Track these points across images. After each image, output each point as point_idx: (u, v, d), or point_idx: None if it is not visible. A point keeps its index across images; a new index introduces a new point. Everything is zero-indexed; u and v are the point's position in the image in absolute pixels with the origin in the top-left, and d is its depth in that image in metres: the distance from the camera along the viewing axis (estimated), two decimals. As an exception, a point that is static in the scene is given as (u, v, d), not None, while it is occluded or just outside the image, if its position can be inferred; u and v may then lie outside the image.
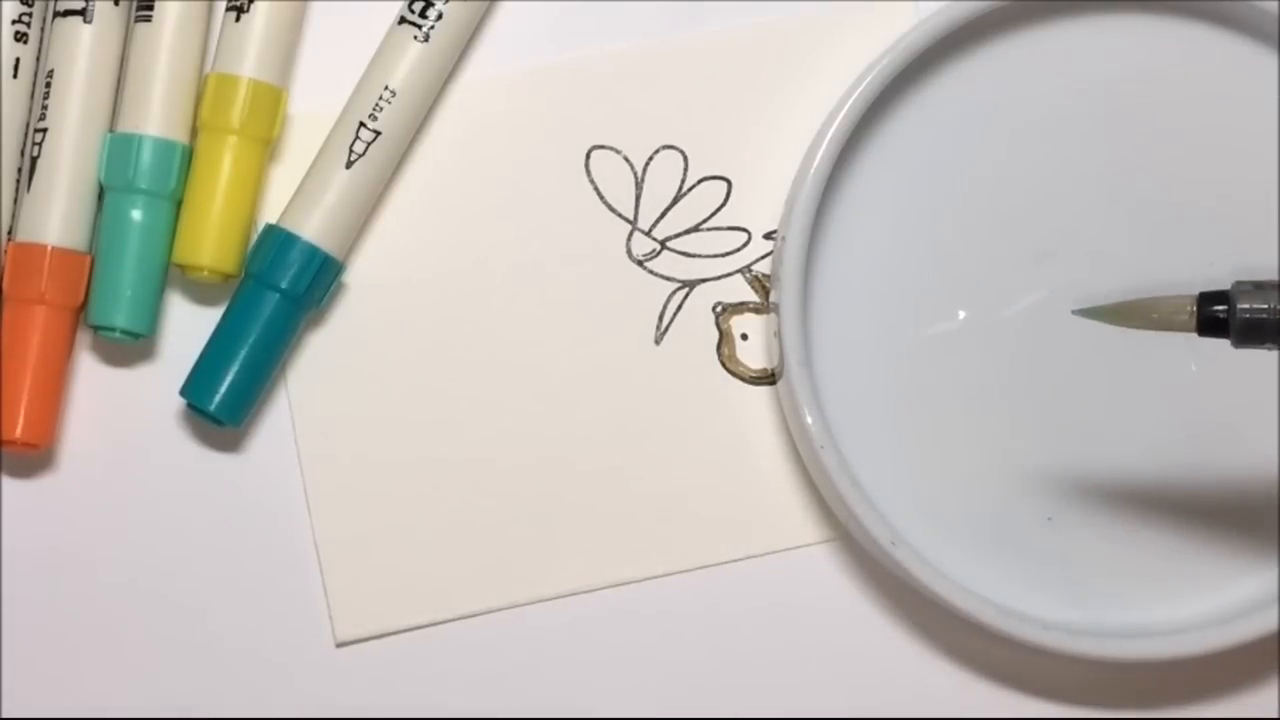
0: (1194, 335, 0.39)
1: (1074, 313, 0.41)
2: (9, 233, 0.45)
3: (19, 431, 0.44)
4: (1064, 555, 0.45)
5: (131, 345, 0.46)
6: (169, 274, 0.45)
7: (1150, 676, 0.46)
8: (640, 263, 0.47)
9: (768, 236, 0.47)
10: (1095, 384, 0.46)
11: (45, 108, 0.45)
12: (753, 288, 0.47)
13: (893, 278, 0.46)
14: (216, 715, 0.46)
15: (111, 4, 0.45)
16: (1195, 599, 0.45)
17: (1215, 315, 0.39)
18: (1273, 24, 0.45)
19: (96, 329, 0.45)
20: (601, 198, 0.47)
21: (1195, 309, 0.39)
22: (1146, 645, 0.44)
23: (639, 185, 0.47)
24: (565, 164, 0.47)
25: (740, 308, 0.47)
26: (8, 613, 0.46)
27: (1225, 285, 0.39)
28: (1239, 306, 0.39)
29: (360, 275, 0.46)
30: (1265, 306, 0.38)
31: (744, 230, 0.47)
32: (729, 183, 0.47)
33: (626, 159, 0.47)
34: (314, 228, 0.44)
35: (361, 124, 0.45)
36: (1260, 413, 0.46)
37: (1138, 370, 0.46)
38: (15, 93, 0.45)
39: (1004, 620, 0.43)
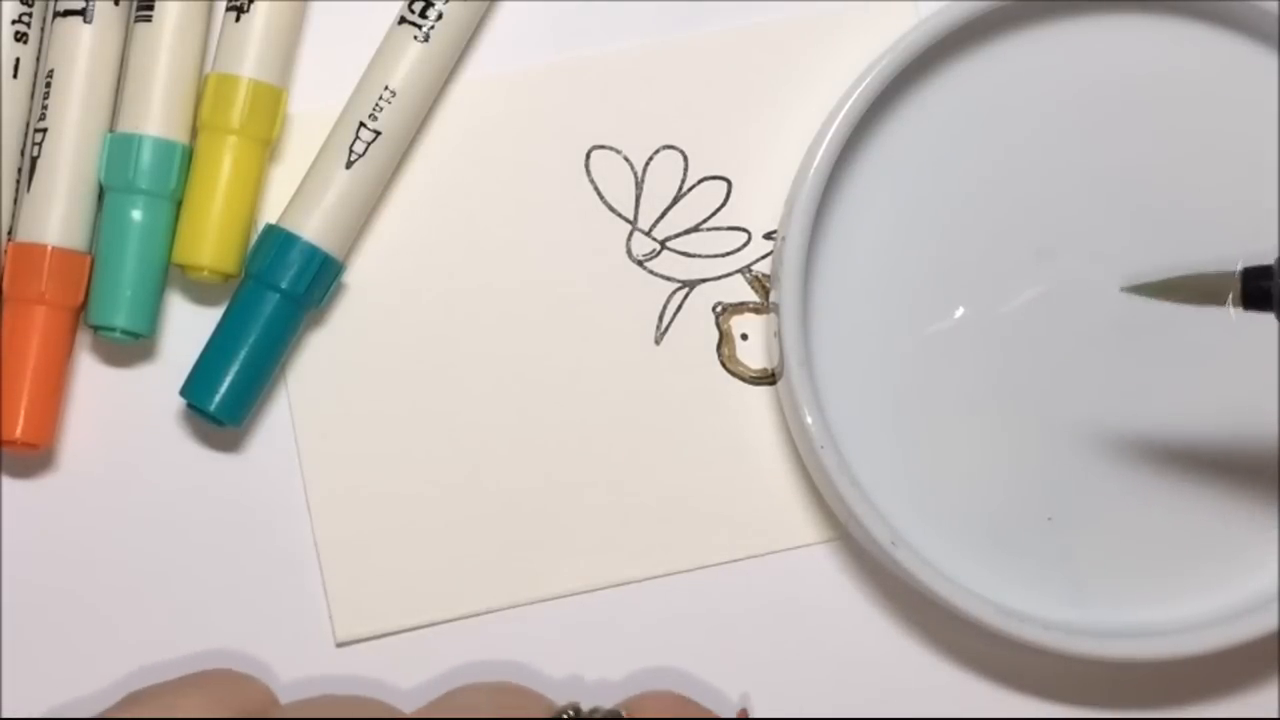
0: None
1: (1122, 290, 0.42)
2: (9, 233, 0.45)
3: (19, 431, 0.44)
4: (1064, 555, 0.45)
5: (131, 345, 0.46)
6: (169, 274, 0.45)
7: (1150, 676, 0.46)
8: (640, 263, 0.47)
9: (768, 236, 0.47)
10: (1095, 384, 0.46)
11: (45, 108, 0.45)
12: (753, 288, 0.47)
13: (893, 277, 0.46)
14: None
15: (111, 4, 0.45)
16: (1195, 599, 0.45)
17: (1261, 289, 0.40)
18: (1273, 24, 0.45)
19: (96, 329, 0.45)
20: (601, 198, 0.47)
21: (1240, 283, 0.40)
22: (1146, 645, 0.44)
23: (639, 185, 0.47)
24: (565, 164, 0.47)
25: (740, 308, 0.47)
26: (8, 613, 0.46)
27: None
28: None
29: (360, 275, 0.46)
30: None
31: (744, 230, 0.47)
32: (729, 183, 0.47)
33: (626, 159, 0.47)
34: (314, 228, 0.45)
35: (361, 124, 0.45)
36: (1261, 413, 0.46)
37: (1138, 369, 0.46)
38: (15, 93, 0.45)
39: (1004, 620, 0.43)
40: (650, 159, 0.47)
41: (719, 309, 0.47)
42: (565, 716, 0.42)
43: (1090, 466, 0.46)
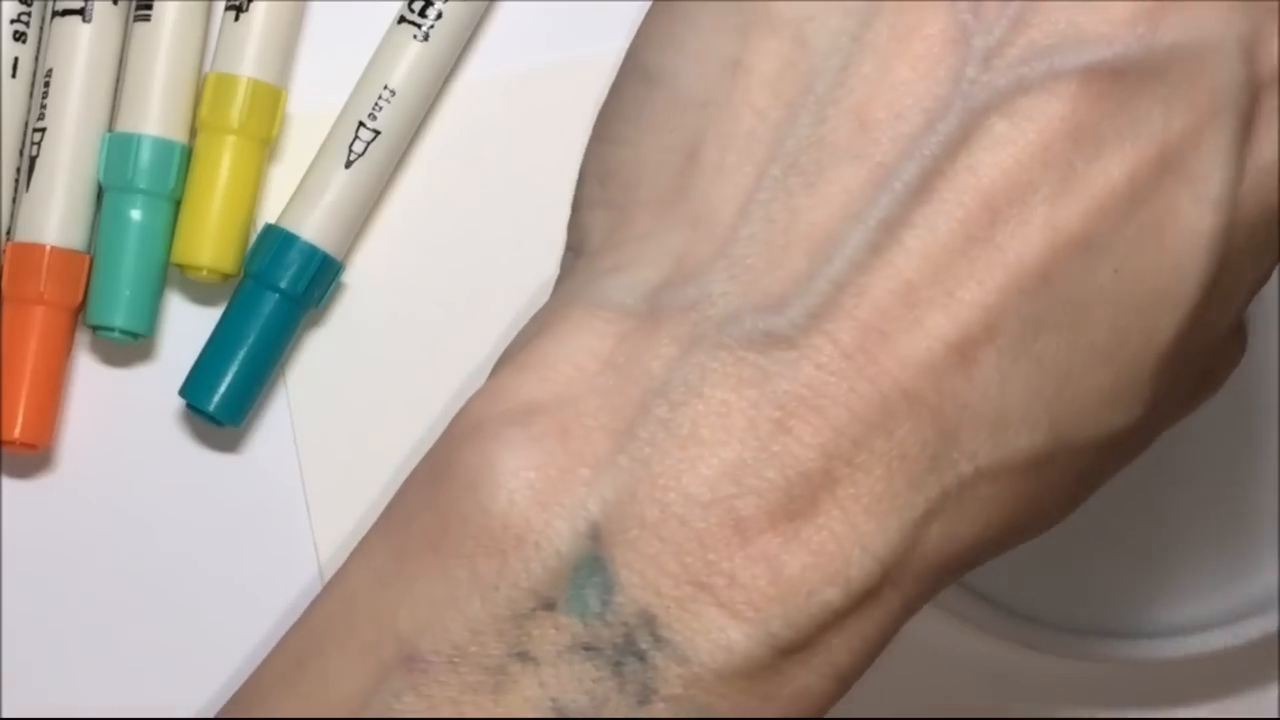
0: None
1: None
2: (8, 233, 0.45)
3: (18, 432, 0.44)
4: (1064, 555, 0.45)
5: (131, 345, 0.46)
6: (168, 274, 0.45)
7: (1150, 676, 0.46)
8: (640, 262, 0.47)
9: (768, 236, 0.47)
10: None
11: (44, 107, 0.45)
12: (753, 287, 0.47)
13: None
14: (216, 716, 0.46)
15: (110, 3, 0.45)
16: (1195, 599, 0.45)
17: None
18: (1273, 23, 0.45)
19: (95, 329, 0.45)
20: (601, 197, 0.47)
21: None
22: (1146, 645, 0.44)
23: (639, 184, 0.47)
24: (565, 164, 0.47)
25: (740, 307, 0.47)
26: (8, 613, 0.46)
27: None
28: None
29: (360, 275, 0.46)
30: None
31: (744, 229, 0.47)
32: (729, 182, 0.47)
33: (626, 158, 0.47)
34: (313, 227, 0.44)
35: (361, 124, 0.45)
36: (1261, 413, 0.46)
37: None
38: (14, 92, 0.45)
39: (1004, 620, 0.43)
40: (650, 158, 0.47)
41: (719, 308, 0.47)
42: None
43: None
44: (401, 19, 0.45)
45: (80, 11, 0.45)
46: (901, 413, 0.26)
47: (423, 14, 0.45)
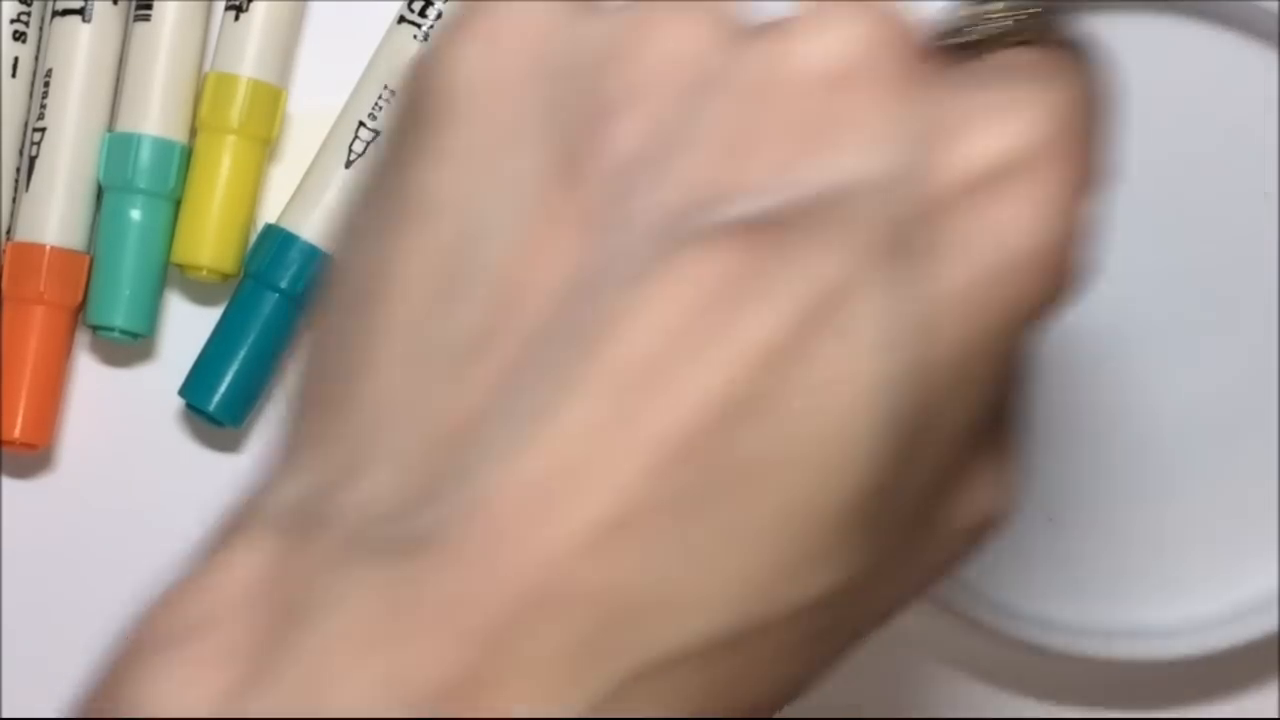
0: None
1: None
2: (8, 233, 0.45)
3: (17, 432, 0.44)
4: (1064, 555, 0.45)
5: (131, 345, 0.46)
6: (168, 273, 0.45)
7: (1150, 676, 0.46)
8: (640, 262, 0.47)
9: (767, 236, 0.47)
10: (1095, 383, 0.46)
11: (44, 107, 0.45)
12: (752, 287, 0.47)
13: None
14: (216, 715, 0.46)
15: (110, 3, 0.45)
16: (1195, 599, 0.45)
17: None
18: (1273, 24, 0.45)
19: (95, 329, 0.45)
20: (601, 197, 0.47)
21: None
22: (1146, 645, 0.44)
23: (639, 184, 0.47)
24: (565, 164, 0.47)
25: (740, 307, 0.47)
26: (8, 613, 0.46)
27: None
28: None
29: (360, 275, 0.46)
30: None
31: (744, 230, 0.47)
32: (729, 182, 0.47)
33: (626, 158, 0.47)
34: (314, 227, 0.44)
35: (361, 123, 0.45)
36: (1261, 413, 0.46)
37: (1137, 368, 0.46)
38: (14, 92, 0.45)
39: (1004, 620, 0.43)
40: (650, 158, 0.47)
41: (719, 308, 0.47)
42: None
43: (1090, 466, 0.46)
44: (401, 19, 0.45)
45: (80, 11, 0.45)
46: (548, 611, 0.24)
47: (423, 14, 0.45)
